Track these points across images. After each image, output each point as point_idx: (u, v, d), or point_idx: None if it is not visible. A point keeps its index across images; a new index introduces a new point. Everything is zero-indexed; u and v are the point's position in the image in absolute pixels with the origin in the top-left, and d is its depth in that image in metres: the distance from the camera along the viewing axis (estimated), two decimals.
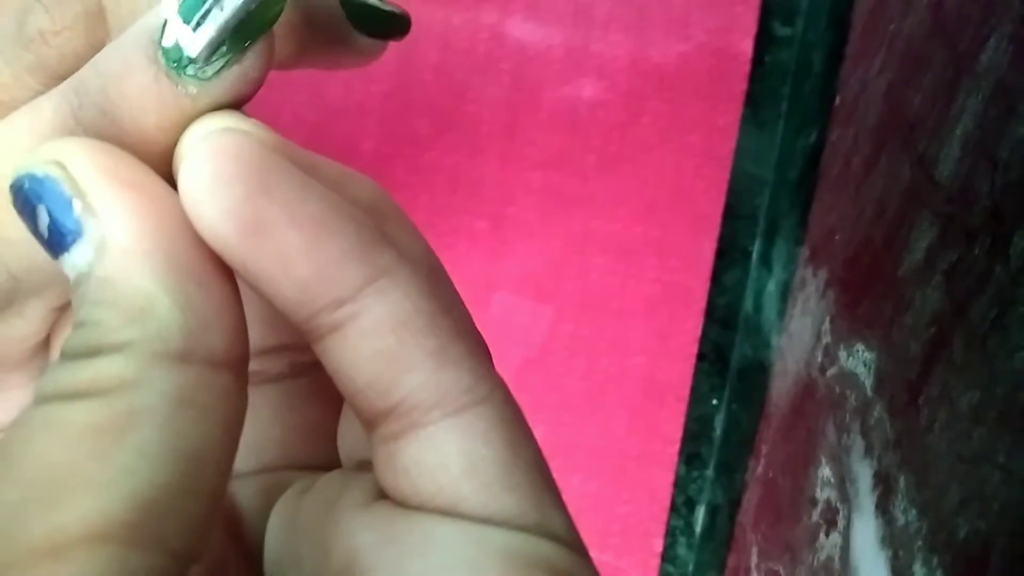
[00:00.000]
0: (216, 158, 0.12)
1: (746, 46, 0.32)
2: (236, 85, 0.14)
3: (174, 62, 0.13)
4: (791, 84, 0.31)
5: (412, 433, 0.12)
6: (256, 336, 0.16)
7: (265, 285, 0.12)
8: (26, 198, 0.13)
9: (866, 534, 0.22)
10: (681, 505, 0.33)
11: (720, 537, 0.32)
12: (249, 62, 0.13)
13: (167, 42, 0.13)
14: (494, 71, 0.32)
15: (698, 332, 0.32)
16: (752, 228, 0.32)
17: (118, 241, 0.12)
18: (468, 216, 0.32)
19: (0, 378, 0.16)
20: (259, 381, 0.16)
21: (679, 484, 0.33)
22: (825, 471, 0.25)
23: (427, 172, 0.32)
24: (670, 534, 0.33)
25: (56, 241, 0.13)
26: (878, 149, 0.25)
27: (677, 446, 0.33)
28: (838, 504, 0.24)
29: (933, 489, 0.19)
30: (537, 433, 0.12)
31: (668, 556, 0.33)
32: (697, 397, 0.33)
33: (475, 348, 0.13)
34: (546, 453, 0.12)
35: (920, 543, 0.19)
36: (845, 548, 0.23)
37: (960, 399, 0.18)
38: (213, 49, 0.13)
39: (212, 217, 0.12)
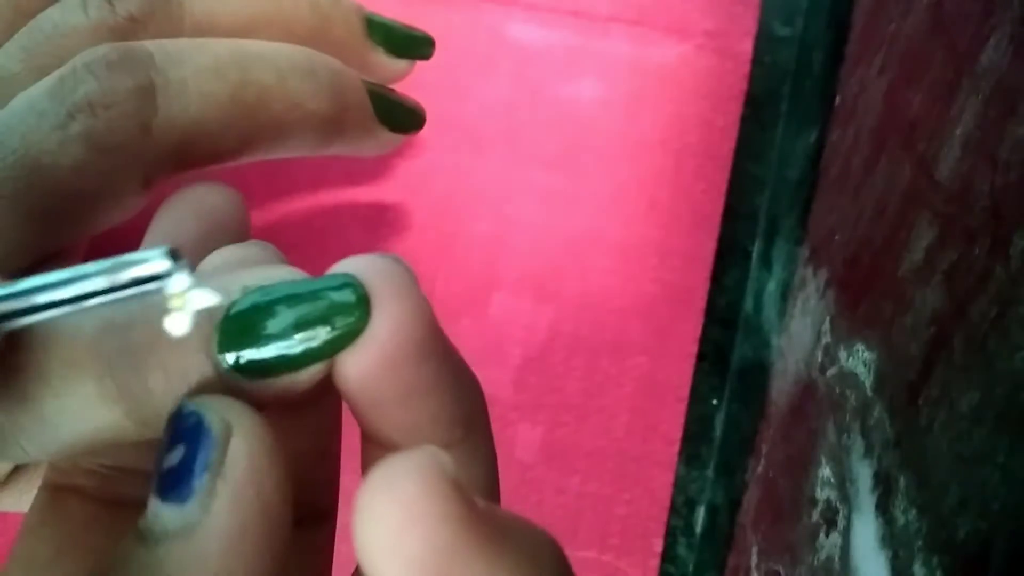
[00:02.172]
0: (396, 534, 0.10)
1: (746, 46, 0.32)
2: (279, 392, 0.13)
3: (226, 356, 0.13)
4: (791, 84, 0.31)
5: None
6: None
7: None
8: (178, 426, 0.12)
9: (866, 534, 0.22)
10: (681, 505, 0.33)
11: (720, 537, 0.32)
12: (302, 377, 0.13)
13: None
14: (494, 71, 0.32)
15: (698, 332, 0.32)
16: (752, 228, 0.32)
17: (218, 528, 0.12)
18: (468, 216, 0.32)
19: None
20: None
21: (679, 484, 0.33)
22: (825, 471, 0.25)
23: (427, 172, 0.32)
24: (670, 534, 0.33)
25: (168, 484, 0.12)
26: (878, 149, 0.25)
27: (677, 446, 0.33)
28: (838, 504, 0.24)
29: (933, 489, 0.19)
30: (537, 433, 0.12)
31: (668, 556, 0.33)
32: (697, 397, 0.33)
33: None
34: (546, 453, 0.12)
35: (920, 543, 0.19)
36: (845, 548, 0.23)
37: (960, 399, 0.18)
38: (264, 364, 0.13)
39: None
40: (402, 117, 0.26)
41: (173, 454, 0.12)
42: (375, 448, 0.15)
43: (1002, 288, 0.17)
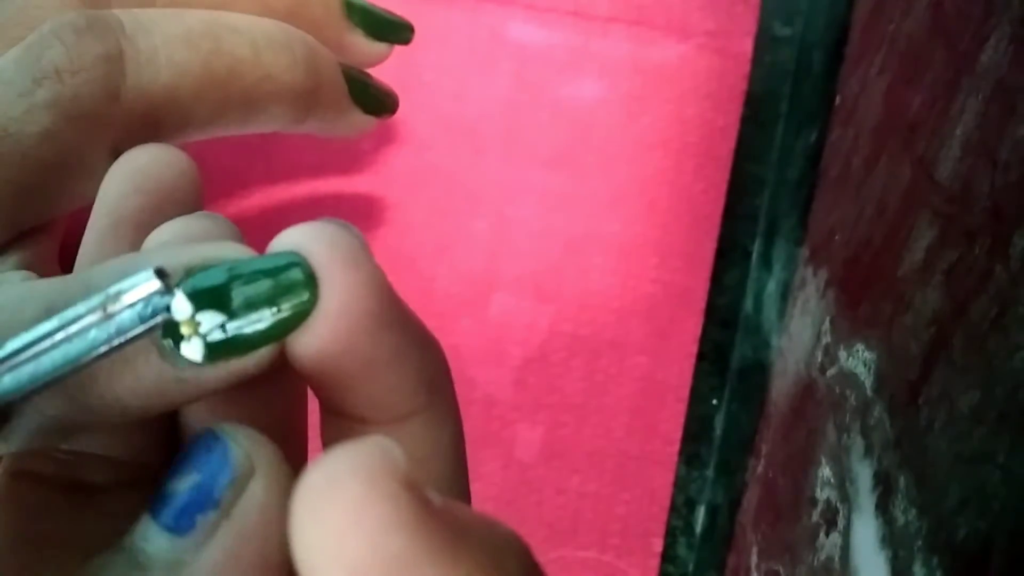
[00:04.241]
0: (340, 540, 0.09)
1: (746, 46, 0.32)
2: (231, 377, 0.13)
3: (171, 340, 0.12)
4: (791, 84, 0.31)
5: None
6: None
7: None
8: (198, 451, 0.12)
9: (866, 534, 0.22)
10: (681, 505, 0.33)
11: (720, 537, 0.32)
12: (252, 361, 0.13)
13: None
14: (494, 71, 0.32)
15: (698, 332, 0.32)
16: (752, 228, 0.32)
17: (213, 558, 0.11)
18: (468, 216, 0.32)
19: None
20: None
21: (679, 484, 0.33)
22: (825, 471, 0.25)
23: (427, 172, 0.32)
24: (670, 534, 0.33)
25: (169, 509, 0.11)
26: (878, 149, 0.25)
27: (677, 446, 0.33)
28: (838, 504, 0.24)
29: (933, 489, 0.19)
30: (537, 433, 0.12)
31: (668, 556, 0.33)
32: (697, 397, 0.33)
33: None
34: (546, 453, 0.12)
35: (920, 543, 0.19)
36: (845, 548, 0.23)
37: (960, 399, 0.18)
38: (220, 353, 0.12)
39: None
40: (375, 99, 0.26)
41: (184, 479, 0.12)
42: (334, 419, 0.14)
43: (1002, 288, 0.17)
